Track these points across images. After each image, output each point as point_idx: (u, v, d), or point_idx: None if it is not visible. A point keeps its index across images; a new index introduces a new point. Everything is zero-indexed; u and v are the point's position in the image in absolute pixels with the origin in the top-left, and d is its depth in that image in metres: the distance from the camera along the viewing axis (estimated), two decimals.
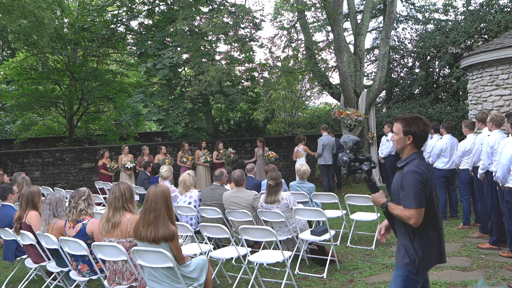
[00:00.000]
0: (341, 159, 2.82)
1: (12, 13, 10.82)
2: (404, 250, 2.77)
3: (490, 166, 5.52)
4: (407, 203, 2.66)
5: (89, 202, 4.31)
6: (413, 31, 15.99)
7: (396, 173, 2.83)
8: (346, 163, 2.78)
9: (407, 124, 2.75)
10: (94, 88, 15.70)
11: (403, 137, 2.77)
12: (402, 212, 2.68)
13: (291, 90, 17.17)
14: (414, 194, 2.65)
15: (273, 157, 10.74)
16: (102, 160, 10.74)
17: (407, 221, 2.68)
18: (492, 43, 7.91)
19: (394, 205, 2.76)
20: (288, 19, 15.08)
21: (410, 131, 2.75)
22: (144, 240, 3.56)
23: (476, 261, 5.22)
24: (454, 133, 8.12)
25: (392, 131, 2.88)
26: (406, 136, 2.77)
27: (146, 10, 15.33)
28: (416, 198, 2.64)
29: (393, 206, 2.76)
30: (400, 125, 2.78)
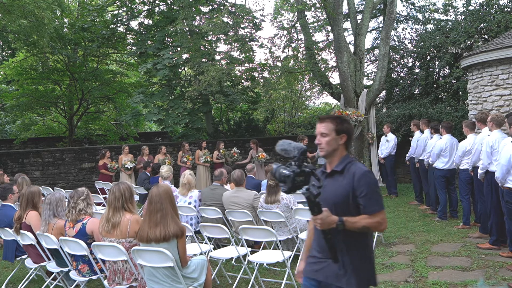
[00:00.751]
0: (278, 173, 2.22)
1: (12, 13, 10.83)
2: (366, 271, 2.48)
3: (490, 166, 5.53)
4: (375, 208, 2.34)
5: (88, 202, 4.31)
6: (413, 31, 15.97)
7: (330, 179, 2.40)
8: (290, 178, 2.16)
9: (340, 123, 2.46)
10: (94, 88, 15.71)
11: (335, 137, 2.44)
12: (371, 220, 2.32)
13: (291, 90, 17.17)
14: (378, 195, 2.37)
15: (263, 159, 10.71)
16: (103, 160, 10.74)
17: (377, 228, 2.38)
18: (492, 43, 7.91)
19: (353, 218, 2.32)
20: (288, 19, 15.08)
21: (343, 129, 2.46)
22: (151, 241, 3.54)
23: (476, 261, 5.22)
24: (454, 133, 8.12)
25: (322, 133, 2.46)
26: (339, 135, 2.45)
27: (146, 10, 15.33)
28: (381, 200, 2.39)
29: (354, 219, 2.31)
30: (331, 124, 2.45)
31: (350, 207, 2.37)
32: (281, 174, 2.21)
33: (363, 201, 2.33)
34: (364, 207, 2.34)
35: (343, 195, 2.37)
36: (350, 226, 2.30)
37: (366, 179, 2.36)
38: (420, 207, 8.60)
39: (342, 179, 2.41)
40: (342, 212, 2.32)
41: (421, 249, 5.83)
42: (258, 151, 11.00)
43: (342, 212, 2.33)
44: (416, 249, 5.85)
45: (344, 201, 2.37)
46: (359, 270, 2.41)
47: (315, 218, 2.24)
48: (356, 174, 2.37)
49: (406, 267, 5.15)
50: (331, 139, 2.43)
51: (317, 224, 2.25)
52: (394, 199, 9.73)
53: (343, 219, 2.28)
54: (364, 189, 2.33)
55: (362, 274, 2.42)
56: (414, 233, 6.71)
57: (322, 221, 2.24)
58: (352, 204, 2.37)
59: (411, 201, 9.21)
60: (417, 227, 7.07)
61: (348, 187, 2.37)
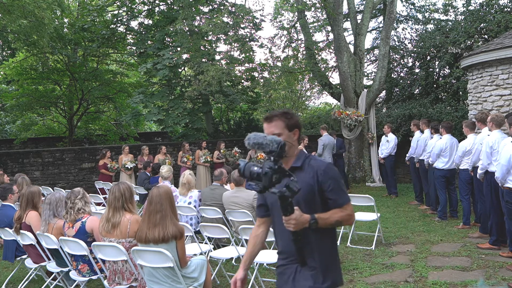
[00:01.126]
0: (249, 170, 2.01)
1: (12, 13, 10.83)
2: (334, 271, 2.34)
3: (490, 166, 5.53)
4: (344, 200, 2.28)
5: (85, 200, 4.33)
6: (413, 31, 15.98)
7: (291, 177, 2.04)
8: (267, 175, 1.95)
9: (289, 118, 2.33)
10: (94, 88, 15.71)
11: (289, 134, 2.31)
12: (342, 214, 2.26)
13: (291, 90, 17.18)
14: (344, 187, 2.32)
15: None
16: (104, 160, 10.74)
17: (349, 220, 2.32)
18: (492, 43, 7.91)
19: (325, 213, 2.22)
20: (288, 19, 15.11)
21: (294, 123, 2.35)
22: (150, 242, 3.54)
23: (476, 261, 5.22)
24: (454, 133, 8.12)
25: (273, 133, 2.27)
26: (292, 131, 2.34)
27: (146, 10, 15.34)
28: (346, 191, 2.34)
29: (326, 215, 2.22)
30: (281, 122, 2.31)
31: (316, 203, 2.27)
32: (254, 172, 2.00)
33: (332, 194, 2.25)
34: (334, 201, 2.26)
35: (309, 191, 2.24)
36: (323, 223, 2.19)
37: (331, 172, 2.28)
38: (420, 207, 8.60)
39: (305, 175, 2.28)
40: (309, 209, 2.20)
41: (421, 249, 5.83)
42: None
43: (309, 209, 2.20)
44: (416, 249, 5.85)
45: (310, 197, 2.26)
46: (328, 270, 2.30)
47: (289, 219, 2.07)
48: (320, 168, 2.27)
49: (406, 267, 5.15)
50: (286, 138, 2.27)
51: (291, 226, 2.08)
52: (394, 199, 9.72)
53: (315, 216, 2.16)
54: (331, 182, 2.25)
55: (331, 274, 2.31)
56: (414, 233, 6.71)
57: (296, 221, 2.08)
58: (318, 200, 2.27)
59: (411, 201, 9.21)
60: (417, 227, 7.07)
61: (312, 183, 2.26)
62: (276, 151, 1.98)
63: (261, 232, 2.52)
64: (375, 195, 8.23)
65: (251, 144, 2.03)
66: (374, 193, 9.72)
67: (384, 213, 8.00)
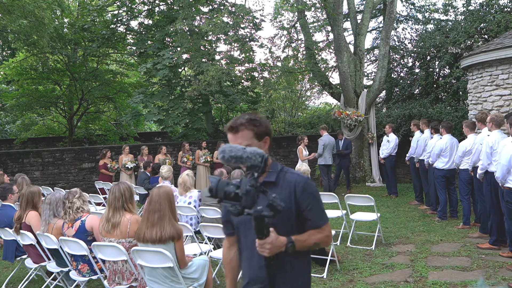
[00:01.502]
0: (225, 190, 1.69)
1: (12, 13, 10.83)
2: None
3: (489, 166, 5.53)
4: (323, 220, 2.03)
5: (83, 199, 4.34)
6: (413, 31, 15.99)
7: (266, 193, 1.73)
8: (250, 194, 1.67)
9: (257, 125, 2.04)
10: (94, 88, 15.71)
11: (258, 144, 2.04)
12: (321, 235, 2.01)
13: (291, 90, 17.16)
14: (322, 205, 2.07)
15: None
16: (104, 160, 10.74)
17: (327, 242, 2.09)
18: (492, 43, 7.91)
19: (302, 235, 1.98)
20: (288, 19, 15.10)
21: (263, 130, 2.06)
22: (148, 242, 3.54)
23: (476, 261, 5.22)
24: (454, 133, 8.12)
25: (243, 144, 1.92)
26: (261, 140, 2.06)
27: (146, 10, 15.34)
28: (324, 210, 2.08)
29: (303, 237, 1.97)
30: (248, 131, 2.02)
31: (293, 223, 2.00)
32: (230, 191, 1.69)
33: (311, 214, 2.00)
34: (312, 221, 2.00)
35: (285, 210, 1.89)
36: (300, 246, 1.94)
37: (310, 189, 2.02)
38: (420, 207, 8.60)
39: (280, 191, 1.98)
40: (285, 231, 1.92)
41: (421, 249, 5.83)
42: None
43: (284, 230, 1.91)
44: (416, 249, 5.85)
45: (287, 217, 1.97)
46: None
47: (264, 243, 1.78)
48: (297, 184, 2.00)
49: (406, 267, 5.15)
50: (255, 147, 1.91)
51: (265, 250, 1.80)
52: (394, 199, 9.73)
53: (292, 239, 1.91)
54: (311, 201, 2.00)
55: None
56: (414, 233, 6.71)
57: (272, 245, 1.80)
58: (295, 220, 2.01)
59: (411, 201, 9.20)
60: (417, 227, 7.07)
61: (289, 200, 1.98)
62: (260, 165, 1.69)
63: (234, 254, 2.22)
64: (375, 195, 8.23)
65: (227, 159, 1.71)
66: (374, 193, 9.72)
67: (384, 213, 8.00)
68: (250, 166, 1.70)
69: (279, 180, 2.04)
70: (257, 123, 2.05)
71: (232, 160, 1.70)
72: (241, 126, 2.03)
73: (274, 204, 1.68)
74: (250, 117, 2.05)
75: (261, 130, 2.06)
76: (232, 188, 1.69)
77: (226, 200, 1.70)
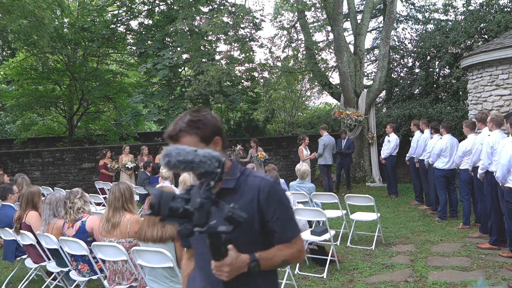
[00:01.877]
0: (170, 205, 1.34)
1: (12, 13, 10.83)
2: None
3: (490, 166, 5.53)
4: (293, 232, 1.70)
5: (84, 200, 4.34)
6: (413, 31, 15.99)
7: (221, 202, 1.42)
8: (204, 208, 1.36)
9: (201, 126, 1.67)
10: (94, 88, 15.71)
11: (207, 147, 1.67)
12: (291, 250, 1.69)
13: (291, 90, 17.16)
14: (292, 214, 1.73)
15: (262, 158, 10.69)
16: (104, 160, 10.75)
17: (298, 258, 1.76)
18: (492, 43, 7.91)
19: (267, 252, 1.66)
20: (288, 19, 15.10)
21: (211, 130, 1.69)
22: (149, 241, 3.54)
23: (476, 261, 5.22)
24: (454, 133, 8.12)
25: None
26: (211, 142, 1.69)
27: (146, 10, 15.34)
28: (295, 219, 1.75)
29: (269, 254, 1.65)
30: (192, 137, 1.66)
31: (256, 237, 1.67)
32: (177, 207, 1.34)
33: (278, 225, 1.66)
34: (279, 234, 1.67)
35: (247, 222, 1.56)
36: (266, 264, 1.63)
37: (277, 194, 1.68)
38: (420, 207, 8.60)
39: (240, 199, 1.66)
40: (247, 247, 1.60)
41: (421, 249, 5.83)
42: (258, 150, 10.99)
43: (246, 247, 1.60)
44: (416, 249, 5.85)
45: (248, 230, 1.64)
46: None
47: (221, 265, 1.48)
48: (261, 189, 1.66)
49: (406, 267, 5.15)
50: None
51: (223, 274, 1.50)
52: (394, 199, 9.73)
53: (256, 256, 1.60)
54: (277, 209, 1.66)
55: None
56: (414, 233, 6.71)
57: (231, 266, 1.49)
58: (258, 233, 1.67)
59: (411, 201, 9.20)
60: (417, 227, 7.07)
61: (250, 210, 1.63)
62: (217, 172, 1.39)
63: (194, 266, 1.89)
64: (375, 195, 8.23)
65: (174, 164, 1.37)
66: (374, 193, 9.72)
67: (384, 213, 8.00)
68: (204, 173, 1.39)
69: (240, 186, 1.69)
70: (200, 124, 1.67)
71: (180, 166, 1.37)
72: (182, 132, 1.65)
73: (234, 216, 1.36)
74: (190, 118, 1.68)
75: (207, 131, 1.68)
76: (179, 202, 1.35)
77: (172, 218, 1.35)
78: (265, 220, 1.67)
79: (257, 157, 10.70)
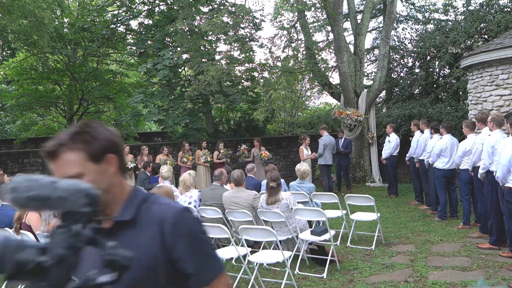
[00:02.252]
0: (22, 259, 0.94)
1: (12, 13, 10.83)
2: None
3: (491, 165, 5.53)
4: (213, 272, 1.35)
5: None
6: (413, 31, 15.99)
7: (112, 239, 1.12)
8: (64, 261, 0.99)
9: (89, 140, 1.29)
10: (94, 88, 15.71)
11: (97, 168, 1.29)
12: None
13: (291, 90, 17.17)
14: (210, 248, 1.40)
15: (266, 157, 10.71)
16: None
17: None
18: (492, 43, 7.91)
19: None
20: (288, 19, 15.10)
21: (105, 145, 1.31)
22: None
23: (476, 261, 5.22)
24: (454, 133, 8.13)
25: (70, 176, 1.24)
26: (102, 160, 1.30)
27: (146, 10, 15.34)
28: (216, 253, 1.43)
29: None
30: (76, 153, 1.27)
31: (163, 285, 1.32)
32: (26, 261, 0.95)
33: (192, 265, 1.31)
34: (196, 277, 1.33)
35: (146, 266, 1.27)
36: None
37: (186, 226, 1.33)
38: (420, 207, 8.60)
39: (139, 235, 1.31)
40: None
41: (421, 249, 5.83)
42: (261, 149, 11.01)
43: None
44: (416, 249, 5.85)
45: (151, 277, 1.29)
46: None
47: None
48: (166, 219, 1.31)
49: (406, 267, 5.15)
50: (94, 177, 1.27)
51: None
52: (394, 199, 9.73)
53: None
54: (188, 244, 1.31)
55: None
56: (414, 233, 6.71)
57: None
58: (166, 277, 1.31)
59: (411, 201, 9.20)
60: (417, 227, 7.07)
61: (153, 248, 1.29)
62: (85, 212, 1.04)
63: None
64: (375, 195, 8.22)
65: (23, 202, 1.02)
66: (374, 193, 9.72)
67: (384, 213, 8.00)
68: (66, 213, 1.04)
69: (140, 217, 1.33)
70: (87, 136, 1.29)
71: (31, 204, 1.02)
72: (62, 147, 1.26)
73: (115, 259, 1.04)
74: (75, 130, 1.31)
75: (96, 147, 1.29)
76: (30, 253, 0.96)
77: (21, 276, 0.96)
78: (173, 260, 1.30)
79: (261, 156, 10.72)
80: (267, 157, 10.76)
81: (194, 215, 1.40)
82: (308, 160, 10.18)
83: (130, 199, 1.37)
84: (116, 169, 1.34)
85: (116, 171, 1.35)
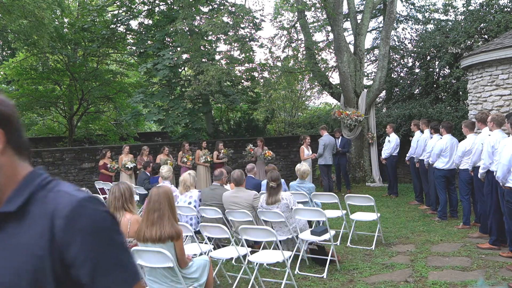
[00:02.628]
0: None
1: (12, 13, 10.83)
2: None
3: (491, 165, 5.53)
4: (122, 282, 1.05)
5: None
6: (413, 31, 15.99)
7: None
8: None
9: None
10: (94, 88, 15.71)
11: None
12: None
13: (291, 90, 17.18)
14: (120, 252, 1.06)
15: (269, 156, 10.72)
16: (104, 160, 10.75)
17: None
18: (492, 43, 7.91)
19: None
20: (288, 19, 15.09)
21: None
22: (148, 241, 3.54)
23: (476, 261, 5.22)
24: (454, 133, 8.13)
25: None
26: None
27: (146, 10, 15.35)
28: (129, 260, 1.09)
29: None
30: None
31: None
32: None
33: (86, 274, 1.00)
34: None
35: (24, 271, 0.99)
36: None
37: (87, 220, 1.02)
38: (420, 207, 8.60)
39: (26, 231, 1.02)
40: None
41: (421, 249, 5.83)
42: (264, 149, 11.01)
43: None
44: (416, 249, 5.85)
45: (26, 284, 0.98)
46: None
47: None
48: (56, 214, 1.01)
49: (406, 267, 5.15)
50: None
51: None
52: (394, 199, 9.73)
53: None
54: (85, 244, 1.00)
55: None
56: (414, 233, 6.71)
57: None
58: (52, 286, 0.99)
59: (411, 201, 9.20)
60: (417, 227, 7.07)
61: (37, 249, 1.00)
62: None
63: None
64: (375, 195, 8.23)
65: None
66: (374, 193, 9.72)
67: (384, 213, 8.00)
68: None
69: (32, 208, 1.04)
70: None
71: None
72: None
73: None
74: None
75: None
76: None
77: None
78: (66, 265, 0.99)
79: (265, 155, 10.73)
80: (271, 156, 10.78)
81: (99, 207, 1.05)
82: (308, 160, 10.17)
83: (22, 186, 1.07)
84: (3, 145, 1.05)
85: (3, 148, 1.05)
